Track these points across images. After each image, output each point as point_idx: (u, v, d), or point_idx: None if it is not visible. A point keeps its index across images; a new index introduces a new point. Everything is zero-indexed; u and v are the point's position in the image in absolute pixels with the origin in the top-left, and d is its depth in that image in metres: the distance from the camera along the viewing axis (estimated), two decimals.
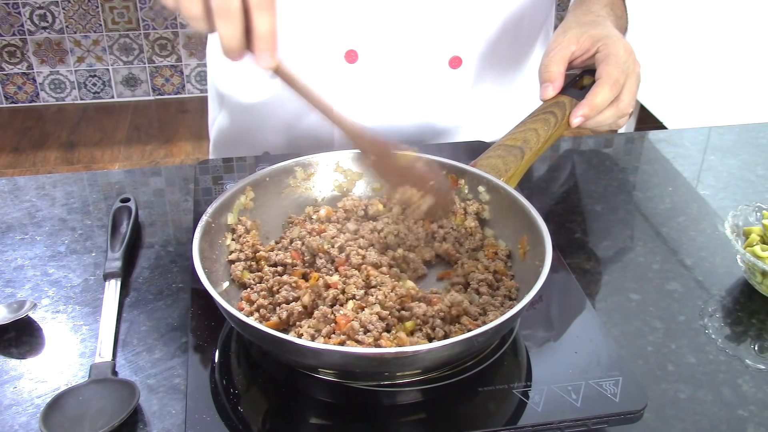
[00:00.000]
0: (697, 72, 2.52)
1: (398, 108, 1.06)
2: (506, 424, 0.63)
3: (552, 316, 0.75)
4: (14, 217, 0.92)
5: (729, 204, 0.97)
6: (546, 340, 0.72)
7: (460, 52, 1.03)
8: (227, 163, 1.00)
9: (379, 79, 1.03)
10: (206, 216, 0.74)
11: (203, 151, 2.93)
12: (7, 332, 0.74)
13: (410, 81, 1.04)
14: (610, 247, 0.89)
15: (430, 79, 1.04)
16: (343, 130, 0.75)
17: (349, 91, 1.04)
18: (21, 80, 3.18)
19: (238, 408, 0.65)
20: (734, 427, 0.66)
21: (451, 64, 1.03)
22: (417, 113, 1.07)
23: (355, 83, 1.03)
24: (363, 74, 1.03)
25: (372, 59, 1.02)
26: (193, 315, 0.74)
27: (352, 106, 1.05)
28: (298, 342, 0.61)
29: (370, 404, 0.66)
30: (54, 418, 0.63)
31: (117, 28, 3.13)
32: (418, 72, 1.04)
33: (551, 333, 0.73)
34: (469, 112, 1.09)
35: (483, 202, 0.82)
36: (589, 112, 0.85)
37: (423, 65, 1.03)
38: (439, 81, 1.05)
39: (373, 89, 1.04)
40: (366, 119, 1.06)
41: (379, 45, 1.01)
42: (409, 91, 1.05)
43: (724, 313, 0.79)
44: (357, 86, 1.04)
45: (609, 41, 0.88)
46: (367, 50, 1.01)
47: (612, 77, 0.85)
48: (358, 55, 1.01)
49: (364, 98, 1.05)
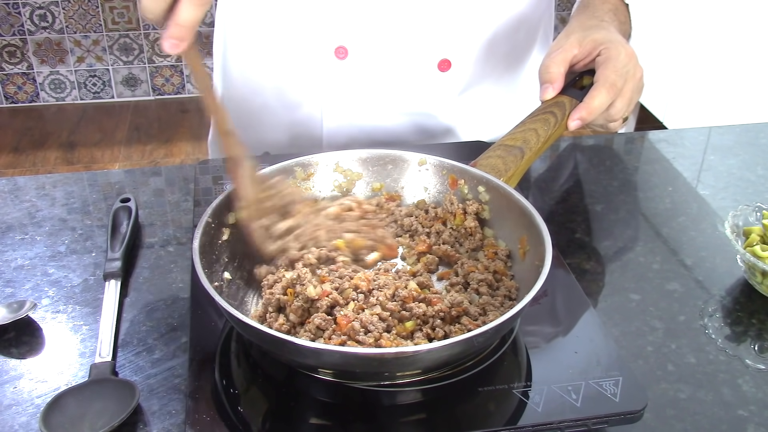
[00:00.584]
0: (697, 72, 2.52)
1: (387, 106, 1.06)
2: (506, 424, 0.63)
3: (552, 316, 0.75)
4: (14, 217, 0.92)
5: (729, 204, 0.97)
6: (546, 340, 0.72)
7: (449, 56, 1.03)
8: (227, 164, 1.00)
9: (368, 76, 1.03)
10: (206, 216, 0.74)
11: (203, 151, 2.93)
12: (7, 332, 0.74)
13: (399, 80, 1.04)
14: (610, 247, 0.89)
15: (418, 80, 1.04)
16: (219, 130, 0.76)
17: (338, 88, 1.04)
18: (21, 80, 3.18)
19: (238, 408, 0.65)
20: (734, 427, 0.66)
21: (440, 66, 1.03)
22: (406, 113, 1.07)
23: (345, 80, 1.03)
24: (352, 71, 1.03)
25: (362, 56, 1.02)
26: (193, 315, 0.74)
27: (341, 103, 1.05)
28: (298, 342, 0.61)
29: (370, 404, 0.66)
30: (54, 418, 0.63)
31: (117, 28, 3.13)
32: (407, 72, 1.04)
33: (551, 333, 0.73)
34: (460, 114, 1.09)
35: (483, 202, 0.82)
36: (586, 115, 0.86)
37: (412, 66, 1.03)
38: (428, 83, 1.05)
39: (363, 86, 1.04)
40: (356, 116, 1.06)
41: (369, 42, 1.01)
42: (398, 91, 1.05)
43: (724, 313, 0.79)
44: (346, 83, 1.04)
45: (611, 45, 0.88)
46: (357, 47, 1.01)
47: (609, 81, 0.85)
48: (347, 51, 1.01)
49: (354, 95, 1.05)
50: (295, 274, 0.71)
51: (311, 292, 0.68)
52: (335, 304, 0.69)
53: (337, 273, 0.73)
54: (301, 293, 0.69)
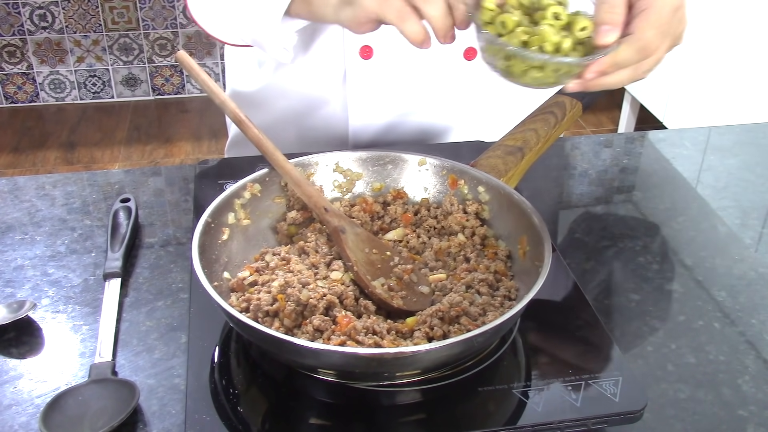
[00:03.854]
0: (697, 72, 2.52)
1: (413, 102, 1.06)
2: (506, 424, 0.63)
3: (552, 316, 0.75)
4: (14, 217, 0.92)
5: (729, 204, 0.97)
6: (545, 340, 0.72)
7: (474, 43, 1.03)
8: (227, 163, 1.01)
9: (394, 73, 1.04)
10: (206, 216, 0.74)
11: (203, 151, 2.93)
12: (7, 332, 0.74)
13: (426, 74, 1.04)
14: (611, 247, 0.89)
15: (445, 72, 1.04)
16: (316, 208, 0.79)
17: (365, 87, 1.04)
18: (21, 80, 3.18)
19: (238, 408, 0.65)
20: (734, 428, 0.66)
21: (466, 55, 1.03)
22: (431, 107, 1.07)
23: (370, 79, 1.04)
24: (378, 69, 1.03)
25: (387, 54, 1.02)
26: (192, 315, 0.74)
27: (367, 101, 1.05)
28: (298, 342, 0.61)
29: (370, 404, 0.66)
30: (54, 418, 0.63)
31: (117, 28, 3.13)
32: (434, 65, 1.03)
33: (551, 333, 0.73)
34: (460, 115, 1.09)
35: (483, 203, 0.82)
36: (607, 67, 0.68)
37: (438, 57, 1.03)
38: (455, 73, 1.04)
39: (388, 84, 1.04)
40: (382, 114, 1.06)
41: (394, 39, 1.01)
42: (425, 85, 1.05)
43: (724, 313, 0.79)
44: (372, 82, 1.04)
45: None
46: (382, 45, 1.01)
47: (645, 38, 0.68)
48: (373, 50, 1.01)
49: (379, 93, 1.05)
50: (283, 280, 0.71)
51: (305, 295, 0.68)
52: (332, 305, 0.69)
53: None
54: (292, 295, 0.69)
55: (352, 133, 1.08)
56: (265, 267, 0.76)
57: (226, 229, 0.77)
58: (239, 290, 0.73)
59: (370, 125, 1.07)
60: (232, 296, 0.72)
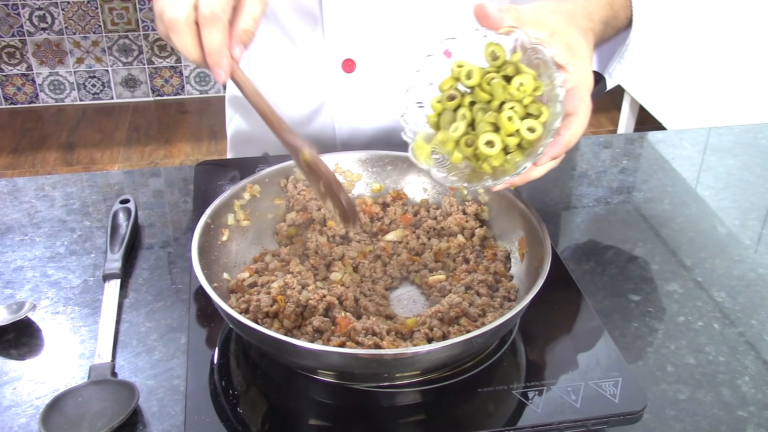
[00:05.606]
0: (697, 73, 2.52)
1: (396, 115, 1.06)
2: (506, 425, 0.63)
3: (551, 317, 0.75)
4: (14, 218, 0.92)
5: (729, 204, 0.97)
6: (545, 341, 0.72)
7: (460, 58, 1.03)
8: (226, 164, 1.01)
9: (376, 87, 1.04)
10: (205, 217, 0.74)
11: (202, 152, 2.93)
12: (7, 333, 0.74)
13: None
14: (610, 248, 0.89)
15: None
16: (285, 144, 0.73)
17: (348, 99, 1.04)
18: (20, 81, 3.18)
19: (238, 409, 0.65)
20: (734, 428, 0.66)
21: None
22: None
23: (353, 92, 1.04)
24: (360, 83, 1.03)
25: (369, 68, 1.02)
26: (192, 316, 0.74)
27: (352, 113, 1.05)
28: (298, 343, 0.61)
29: (370, 405, 0.66)
30: (53, 420, 0.63)
31: (116, 29, 3.13)
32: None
33: (550, 334, 0.73)
34: None
35: (482, 203, 0.82)
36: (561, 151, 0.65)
37: None
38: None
39: (371, 97, 1.04)
40: (367, 123, 1.06)
41: (377, 53, 1.01)
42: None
43: (724, 313, 0.79)
44: (354, 95, 1.04)
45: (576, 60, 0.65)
46: (365, 59, 1.01)
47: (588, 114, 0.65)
48: (355, 64, 1.01)
49: (362, 106, 1.05)
50: (282, 281, 0.71)
51: (304, 296, 0.69)
52: (331, 306, 0.69)
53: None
54: (292, 297, 0.69)
55: (340, 142, 1.08)
56: (264, 268, 0.76)
57: (225, 230, 0.77)
58: (239, 291, 0.73)
59: (357, 138, 1.07)
60: (232, 297, 0.72)
